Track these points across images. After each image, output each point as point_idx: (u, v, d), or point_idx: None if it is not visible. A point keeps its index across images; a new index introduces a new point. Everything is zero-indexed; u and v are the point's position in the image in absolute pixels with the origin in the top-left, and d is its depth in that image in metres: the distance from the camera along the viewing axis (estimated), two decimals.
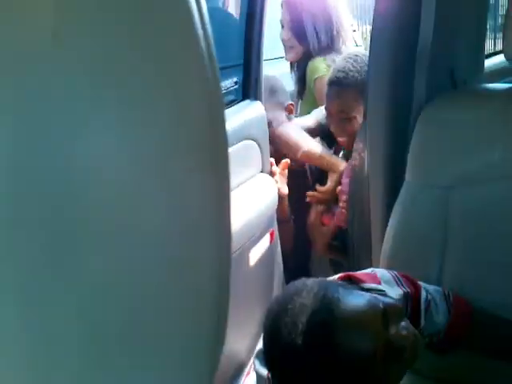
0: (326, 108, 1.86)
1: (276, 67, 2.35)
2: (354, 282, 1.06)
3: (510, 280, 1.16)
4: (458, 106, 1.30)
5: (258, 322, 1.73)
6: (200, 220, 0.37)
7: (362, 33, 4.23)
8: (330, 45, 2.14)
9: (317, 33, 2.13)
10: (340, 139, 1.82)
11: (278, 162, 1.88)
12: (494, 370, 1.16)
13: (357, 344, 0.91)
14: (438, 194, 1.25)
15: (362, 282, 1.06)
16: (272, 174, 1.82)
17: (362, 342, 0.92)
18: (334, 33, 2.15)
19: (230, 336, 0.43)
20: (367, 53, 1.80)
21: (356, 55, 1.82)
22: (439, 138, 1.29)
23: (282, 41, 2.23)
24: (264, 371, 1.04)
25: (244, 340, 1.66)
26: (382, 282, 1.08)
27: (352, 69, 1.75)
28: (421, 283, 1.12)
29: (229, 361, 1.54)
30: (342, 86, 1.75)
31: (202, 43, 0.34)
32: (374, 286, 1.06)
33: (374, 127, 1.46)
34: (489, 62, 2.04)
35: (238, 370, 1.61)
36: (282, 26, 2.21)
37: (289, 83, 2.32)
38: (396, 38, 1.37)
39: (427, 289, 1.12)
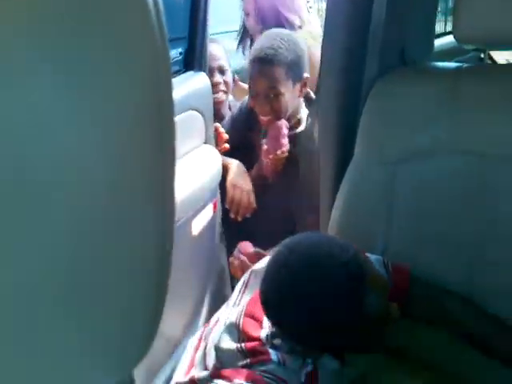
0: (250, 86, 1.84)
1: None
2: None
3: (451, 251, 1.19)
4: (408, 81, 1.32)
5: (199, 291, 1.74)
6: (143, 191, 0.37)
7: (318, 10, 4.23)
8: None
9: (282, 18, 2.16)
10: (264, 118, 1.82)
11: None
12: (435, 338, 1.19)
13: (371, 301, 0.99)
14: (385, 168, 1.27)
15: None
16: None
17: (375, 303, 1.00)
18: (297, 17, 2.20)
19: (168, 308, 0.43)
20: (290, 33, 1.91)
21: (281, 33, 1.85)
22: (388, 112, 1.31)
23: (248, 27, 2.29)
24: (232, 345, 1.06)
25: (182, 314, 1.68)
26: None
27: (281, 46, 1.75)
28: (366, 254, 1.14)
29: (165, 333, 1.55)
30: (272, 63, 1.74)
31: (152, 11, 0.34)
32: None
33: (325, 102, 1.47)
34: (439, 42, 2.07)
35: (176, 340, 1.62)
36: (247, 14, 2.25)
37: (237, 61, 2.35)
38: (349, 17, 1.37)
39: (369, 258, 1.15)
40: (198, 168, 1.61)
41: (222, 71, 2.00)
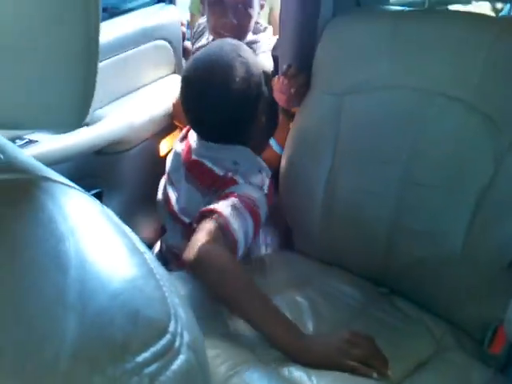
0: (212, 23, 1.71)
1: None
2: None
3: (385, 168, 1.32)
4: (357, 22, 1.43)
5: None
6: None
7: None
8: None
9: None
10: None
11: None
12: None
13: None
14: (333, 98, 1.39)
15: None
16: None
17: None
18: None
19: None
20: None
21: None
22: (337, 50, 1.43)
23: None
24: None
25: None
26: None
27: None
28: None
29: None
30: None
31: None
32: None
33: (284, 41, 1.58)
34: None
35: None
36: None
37: None
38: None
39: None
40: (163, 96, 1.66)
41: None
